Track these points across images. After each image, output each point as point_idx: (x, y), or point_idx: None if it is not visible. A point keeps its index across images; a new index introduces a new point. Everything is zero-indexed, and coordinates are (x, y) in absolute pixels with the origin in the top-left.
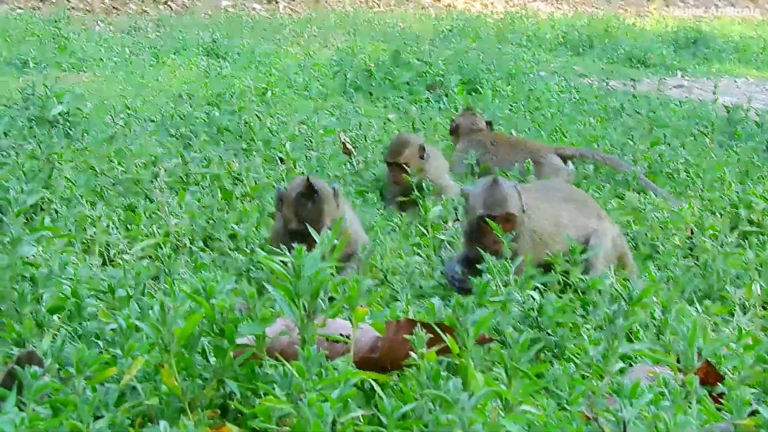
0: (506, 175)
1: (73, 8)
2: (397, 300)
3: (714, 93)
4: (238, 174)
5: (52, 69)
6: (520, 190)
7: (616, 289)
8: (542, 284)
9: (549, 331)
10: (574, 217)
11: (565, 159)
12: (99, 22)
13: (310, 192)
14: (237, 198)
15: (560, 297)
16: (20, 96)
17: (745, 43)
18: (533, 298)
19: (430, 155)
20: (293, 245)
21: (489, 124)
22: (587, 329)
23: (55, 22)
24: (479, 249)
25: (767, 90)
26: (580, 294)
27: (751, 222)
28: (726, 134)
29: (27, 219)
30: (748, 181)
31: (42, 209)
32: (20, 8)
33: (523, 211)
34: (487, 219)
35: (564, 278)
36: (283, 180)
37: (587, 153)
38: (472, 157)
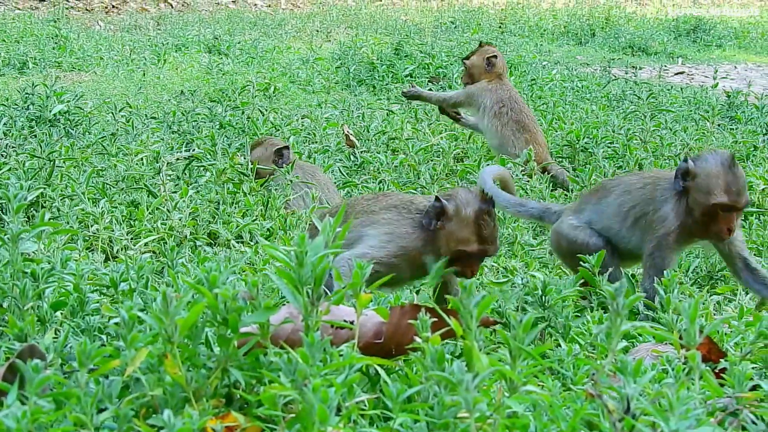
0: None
1: (72, 8)
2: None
3: (714, 78)
4: (243, 168)
5: (52, 69)
6: None
7: (620, 270)
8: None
9: (554, 311)
10: None
11: (544, 170)
12: (99, 21)
13: None
14: (243, 192)
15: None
16: (20, 96)
17: (744, 29)
18: (537, 279)
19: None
20: None
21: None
22: (591, 310)
23: (54, 21)
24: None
25: (767, 75)
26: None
27: (752, 203)
28: (726, 118)
29: (28, 217)
30: (748, 164)
31: (43, 207)
32: (18, 8)
33: None
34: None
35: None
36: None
37: (559, 175)
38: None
